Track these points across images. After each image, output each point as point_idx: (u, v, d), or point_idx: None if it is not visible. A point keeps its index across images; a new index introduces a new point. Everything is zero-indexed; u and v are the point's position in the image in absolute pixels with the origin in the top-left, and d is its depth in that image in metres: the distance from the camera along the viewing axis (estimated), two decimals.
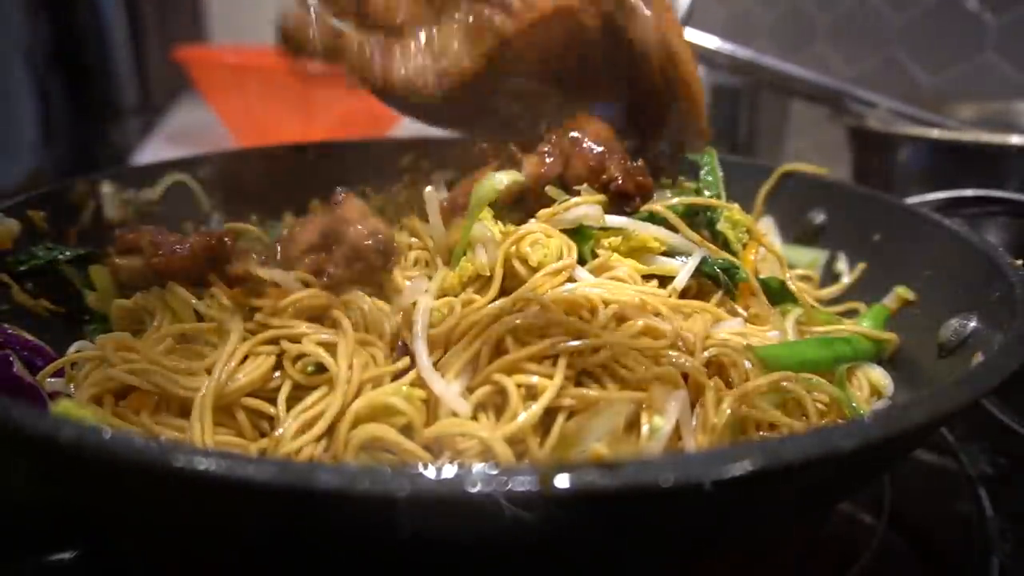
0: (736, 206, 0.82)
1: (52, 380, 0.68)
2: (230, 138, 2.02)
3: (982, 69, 1.57)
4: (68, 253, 0.84)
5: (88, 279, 0.82)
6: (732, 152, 1.54)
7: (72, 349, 0.76)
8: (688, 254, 0.74)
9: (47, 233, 0.85)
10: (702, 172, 0.88)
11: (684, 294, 0.73)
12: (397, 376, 0.65)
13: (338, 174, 1.04)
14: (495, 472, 0.37)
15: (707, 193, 0.85)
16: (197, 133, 2.18)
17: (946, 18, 1.59)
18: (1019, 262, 0.68)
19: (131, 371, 0.63)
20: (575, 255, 0.71)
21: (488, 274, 0.69)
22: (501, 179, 0.71)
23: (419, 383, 0.63)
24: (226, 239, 0.71)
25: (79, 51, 2.21)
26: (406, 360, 0.66)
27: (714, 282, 0.74)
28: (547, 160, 0.77)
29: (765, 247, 0.82)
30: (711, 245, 0.77)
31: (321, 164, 1.09)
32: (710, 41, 1.22)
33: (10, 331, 0.73)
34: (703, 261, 0.74)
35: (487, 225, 0.71)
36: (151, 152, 2.03)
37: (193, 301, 0.73)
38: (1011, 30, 1.52)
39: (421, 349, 0.63)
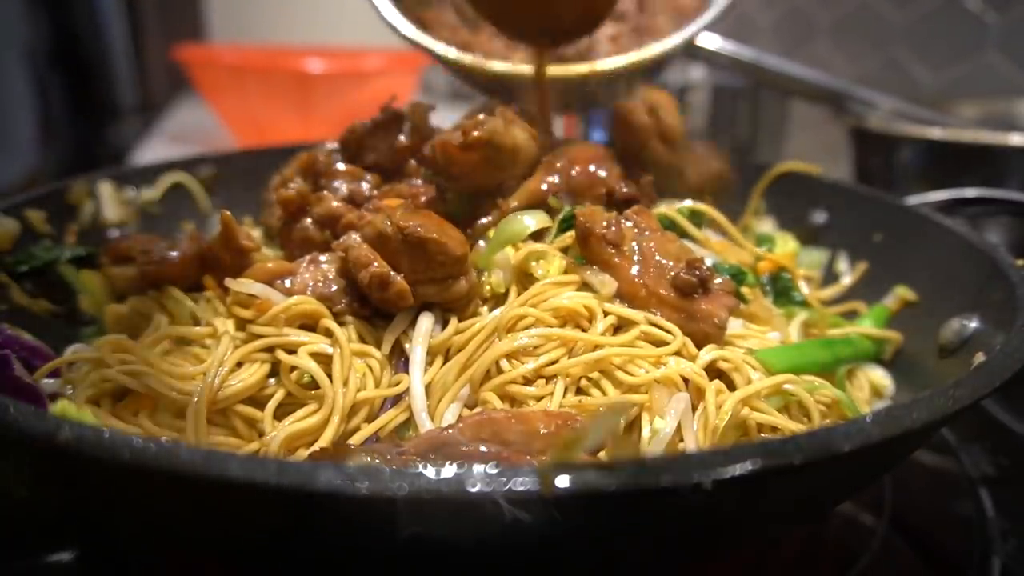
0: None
1: (49, 381, 0.68)
2: (230, 138, 2.02)
3: (983, 69, 1.56)
4: (67, 253, 0.84)
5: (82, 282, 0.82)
6: (732, 152, 1.54)
7: (69, 351, 0.75)
8: None
9: (46, 233, 0.85)
10: None
11: None
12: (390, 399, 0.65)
13: None
14: (495, 472, 0.36)
15: None
16: (197, 133, 2.18)
17: (947, 18, 1.59)
18: (1020, 262, 0.68)
19: (127, 373, 0.63)
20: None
21: (503, 291, 0.71)
22: (529, 222, 0.72)
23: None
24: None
25: (79, 51, 2.21)
26: (401, 384, 0.65)
27: None
28: (546, 179, 0.78)
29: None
30: (715, 246, 0.77)
31: None
32: (711, 41, 1.21)
33: (9, 331, 0.72)
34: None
35: (507, 252, 0.72)
36: (151, 152, 2.03)
37: (189, 304, 0.73)
38: (1012, 30, 1.52)
39: (418, 388, 0.64)
